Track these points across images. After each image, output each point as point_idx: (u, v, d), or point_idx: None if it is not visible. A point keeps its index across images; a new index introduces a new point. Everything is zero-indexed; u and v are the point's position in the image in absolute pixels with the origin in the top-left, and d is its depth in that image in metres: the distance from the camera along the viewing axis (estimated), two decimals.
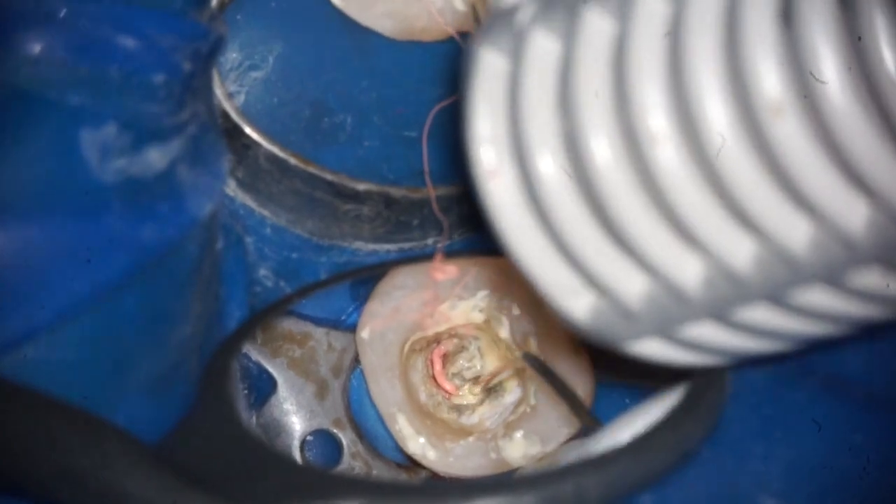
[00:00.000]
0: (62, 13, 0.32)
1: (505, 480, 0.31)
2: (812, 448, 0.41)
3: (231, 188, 0.49)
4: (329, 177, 0.48)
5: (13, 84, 0.32)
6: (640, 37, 0.28)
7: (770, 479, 0.40)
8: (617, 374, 0.49)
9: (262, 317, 0.47)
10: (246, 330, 0.45)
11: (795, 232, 0.27)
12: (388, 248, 0.52)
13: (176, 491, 0.30)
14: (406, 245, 0.53)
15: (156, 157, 0.34)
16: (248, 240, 0.49)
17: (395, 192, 0.50)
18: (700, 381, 0.36)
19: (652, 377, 0.42)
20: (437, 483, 0.42)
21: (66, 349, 0.33)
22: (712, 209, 0.28)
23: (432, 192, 0.49)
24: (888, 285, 0.28)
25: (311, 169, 0.48)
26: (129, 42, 0.33)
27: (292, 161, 0.48)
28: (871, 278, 0.28)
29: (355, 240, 0.52)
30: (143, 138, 0.34)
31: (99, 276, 0.33)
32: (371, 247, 0.52)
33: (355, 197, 0.49)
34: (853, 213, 0.26)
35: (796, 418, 0.42)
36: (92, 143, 0.33)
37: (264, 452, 0.36)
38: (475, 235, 0.52)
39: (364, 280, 0.51)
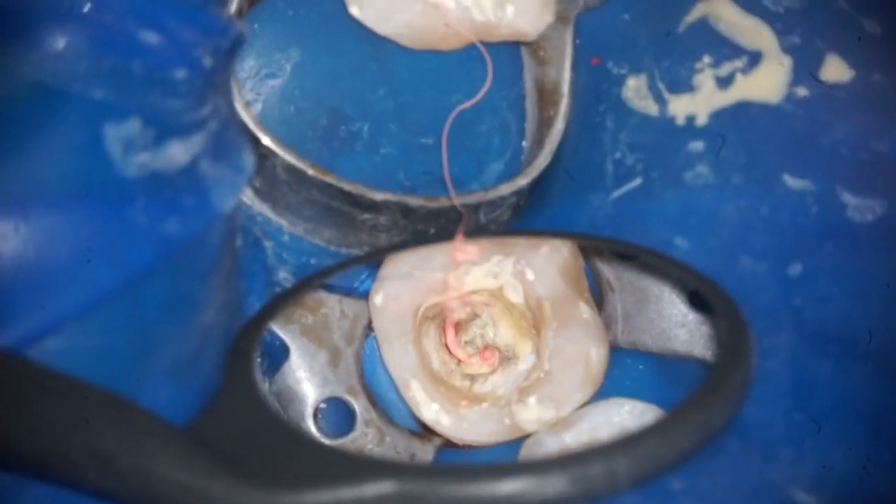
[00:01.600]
0: (86, 8, 0.32)
1: (535, 462, 0.31)
2: (841, 459, 0.41)
3: (248, 197, 0.49)
4: (347, 187, 0.48)
5: (37, 78, 0.32)
6: None
7: (800, 477, 0.40)
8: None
9: (280, 301, 0.46)
10: (266, 314, 0.45)
11: None
12: None
13: (206, 473, 0.29)
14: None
15: (178, 152, 0.34)
16: (267, 244, 0.49)
17: (413, 201, 0.49)
18: (725, 362, 0.36)
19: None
20: (467, 465, 0.41)
21: (92, 338, 0.32)
22: None
23: (455, 198, 0.49)
24: None
25: (329, 179, 0.48)
26: (151, 37, 0.33)
27: (310, 171, 0.47)
28: None
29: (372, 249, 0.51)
30: (166, 133, 0.34)
31: (123, 268, 0.32)
32: None
33: (373, 207, 0.49)
34: None
35: (827, 430, 0.42)
36: (115, 137, 0.33)
37: (293, 435, 0.35)
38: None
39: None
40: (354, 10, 0.50)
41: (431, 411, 0.49)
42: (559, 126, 0.52)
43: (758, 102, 0.45)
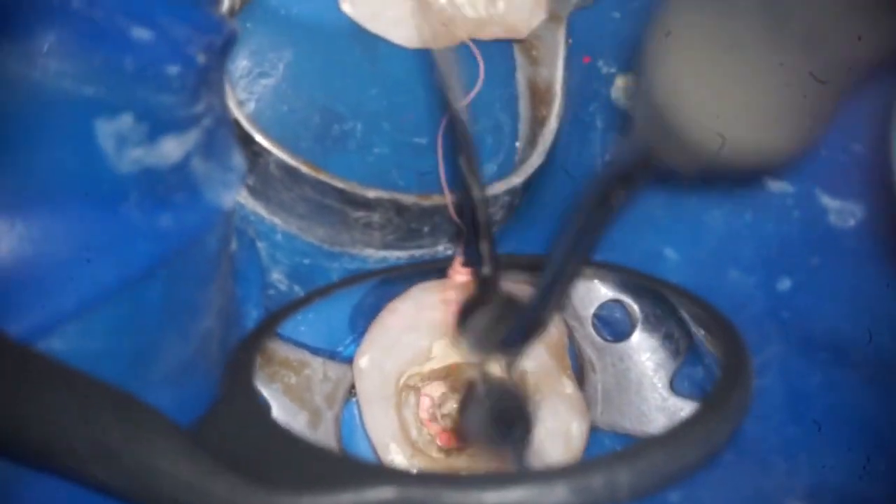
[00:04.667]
0: (77, 4, 0.32)
1: (537, 472, 0.31)
2: (835, 470, 0.41)
3: (242, 196, 0.49)
4: (339, 184, 0.48)
5: (29, 75, 0.32)
6: None
7: (795, 488, 0.40)
8: None
9: (282, 313, 0.46)
10: (269, 324, 0.45)
11: None
12: (399, 255, 0.52)
13: (210, 472, 0.29)
14: (417, 252, 0.52)
15: (171, 148, 0.34)
16: (261, 244, 0.49)
17: (406, 199, 0.49)
18: (726, 380, 0.36)
19: None
20: (470, 474, 0.41)
21: (92, 339, 0.32)
22: None
23: (448, 196, 0.49)
24: None
25: (322, 176, 0.48)
26: (143, 33, 0.33)
27: (303, 169, 0.47)
28: None
29: (366, 247, 0.51)
30: (159, 129, 0.34)
31: (121, 266, 0.33)
32: (382, 254, 0.52)
33: (366, 204, 0.49)
34: None
35: (821, 441, 0.42)
36: (108, 134, 0.33)
37: (295, 442, 0.35)
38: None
39: (363, 311, 0.51)
40: (346, 7, 0.50)
41: None
42: (552, 125, 0.52)
43: None
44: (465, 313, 0.46)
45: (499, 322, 0.45)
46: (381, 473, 0.32)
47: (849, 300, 0.43)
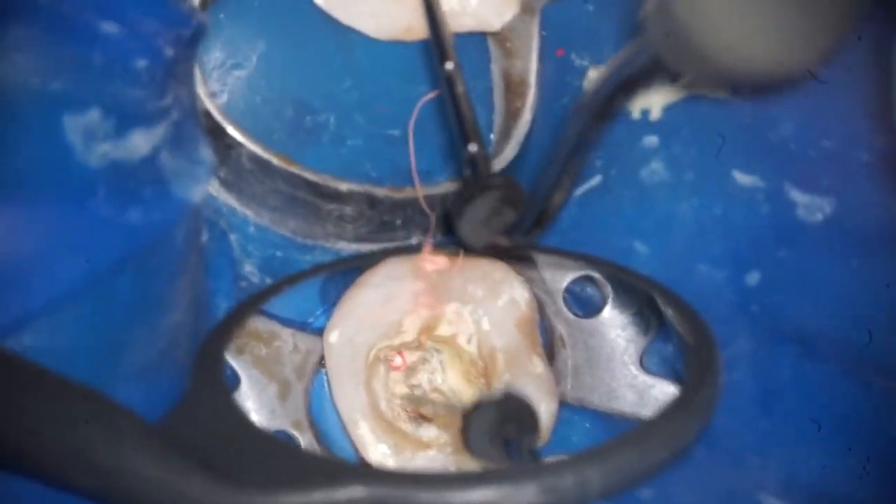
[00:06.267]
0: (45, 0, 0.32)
1: (507, 471, 0.31)
2: (808, 463, 0.42)
3: (214, 188, 0.49)
4: (311, 177, 0.48)
5: None
6: None
7: (768, 483, 0.41)
8: None
9: (252, 303, 0.46)
10: (236, 317, 0.45)
11: None
12: (372, 247, 0.52)
13: (182, 472, 0.29)
14: (390, 245, 0.52)
15: (140, 142, 0.34)
16: (233, 237, 0.49)
17: (378, 191, 0.49)
18: (694, 379, 0.36)
19: None
20: (439, 473, 0.41)
21: (61, 335, 0.32)
22: None
23: (420, 189, 0.49)
24: None
25: (294, 169, 0.48)
26: (111, 27, 0.33)
27: (275, 161, 0.47)
28: None
29: (339, 240, 0.51)
30: (127, 123, 0.34)
31: (90, 261, 0.32)
32: (354, 247, 0.52)
33: (338, 197, 0.49)
34: None
35: (792, 435, 0.42)
36: (76, 129, 0.33)
37: (264, 439, 0.35)
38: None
39: (334, 282, 0.51)
40: (319, 0, 0.50)
41: (378, 452, 0.49)
42: (526, 117, 0.52)
43: (708, 96, 0.46)
44: (461, 203, 0.45)
45: (499, 209, 0.45)
46: (351, 472, 0.32)
47: (817, 294, 0.43)
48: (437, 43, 0.47)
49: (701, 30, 0.29)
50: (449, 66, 0.45)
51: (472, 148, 0.45)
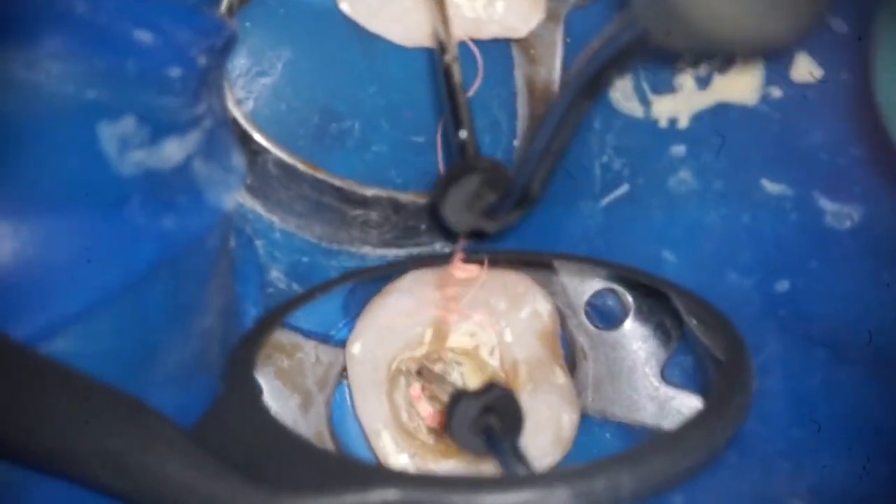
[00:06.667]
0: (80, 9, 0.32)
1: (540, 475, 0.31)
2: (839, 470, 0.41)
3: (240, 194, 0.49)
4: (337, 182, 0.48)
5: (32, 79, 0.32)
6: None
7: (799, 490, 0.40)
8: None
9: (283, 310, 0.46)
10: (269, 322, 0.45)
11: None
12: (397, 252, 0.52)
13: (213, 475, 0.29)
14: (415, 250, 0.53)
15: (173, 150, 0.34)
16: (259, 242, 0.49)
17: (403, 197, 0.50)
18: (727, 383, 0.36)
19: None
20: (473, 476, 0.41)
21: (95, 341, 0.32)
22: None
23: None
24: None
25: (319, 175, 0.48)
26: (145, 36, 0.33)
27: (300, 167, 0.48)
28: None
29: (363, 244, 0.52)
30: (161, 131, 0.34)
31: (124, 269, 0.33)
32: (379, 252, 0.52)
33: (363, 202, 0.49)
34: None
35: (824, 441, 0.42)
36: (110, 137, 0.33)
37: (296, 442, 0.35)
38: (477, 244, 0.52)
39: (356, 296, 0.51)
40: (345, 6, 0.50)
41: (399, 463, 0.49)
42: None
43: (736, 104, 0.46)
44: (446, 186, 0.45)
45: (482, 191, 0.45)
46: (383, 475, 0.32)
47: (847, 301, 0.43)
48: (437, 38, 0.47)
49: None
50: (447, 57, 0.46)
51: (463, 134, 0.45)
